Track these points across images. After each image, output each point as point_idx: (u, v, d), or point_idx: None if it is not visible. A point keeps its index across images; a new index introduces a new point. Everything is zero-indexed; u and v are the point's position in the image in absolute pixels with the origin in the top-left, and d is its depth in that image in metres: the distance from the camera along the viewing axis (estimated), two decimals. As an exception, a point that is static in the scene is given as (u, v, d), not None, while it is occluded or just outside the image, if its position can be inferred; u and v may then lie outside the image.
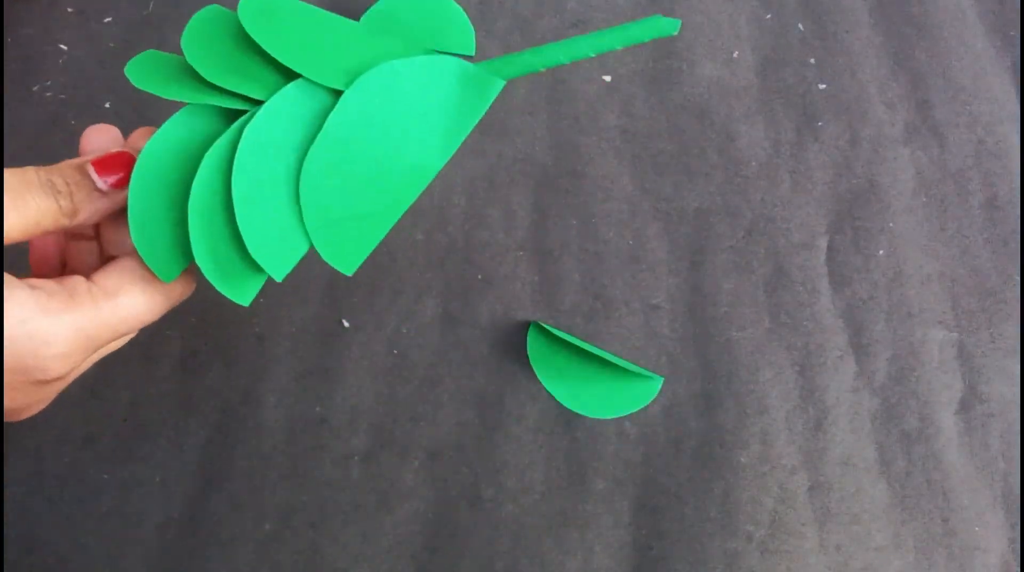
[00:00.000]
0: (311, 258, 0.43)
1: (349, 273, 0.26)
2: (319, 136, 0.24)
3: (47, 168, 0.25)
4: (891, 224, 0.47)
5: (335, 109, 0.24)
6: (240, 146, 0.24)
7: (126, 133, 0.46)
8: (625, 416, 0.42)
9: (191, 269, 0.27)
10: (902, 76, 0.51)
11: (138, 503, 0.39)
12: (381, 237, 0.26)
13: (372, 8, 0.49)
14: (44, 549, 0.38)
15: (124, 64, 0.50)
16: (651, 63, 0.50)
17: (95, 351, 0.25)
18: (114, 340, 0.26)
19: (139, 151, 0.26)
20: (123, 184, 0.25)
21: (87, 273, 0.27)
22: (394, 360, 0.42)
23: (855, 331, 0.44)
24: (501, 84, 0.25)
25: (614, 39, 0.25)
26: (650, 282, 0.45)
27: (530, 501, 0.40)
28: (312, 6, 0.26)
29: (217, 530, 0.39)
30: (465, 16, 0.49)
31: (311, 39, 0.25)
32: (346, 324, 0.42)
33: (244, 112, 0.25)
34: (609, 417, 0.42)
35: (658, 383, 0.42)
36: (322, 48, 0.25)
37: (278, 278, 0.25)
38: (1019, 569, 0.41)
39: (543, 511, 0.40)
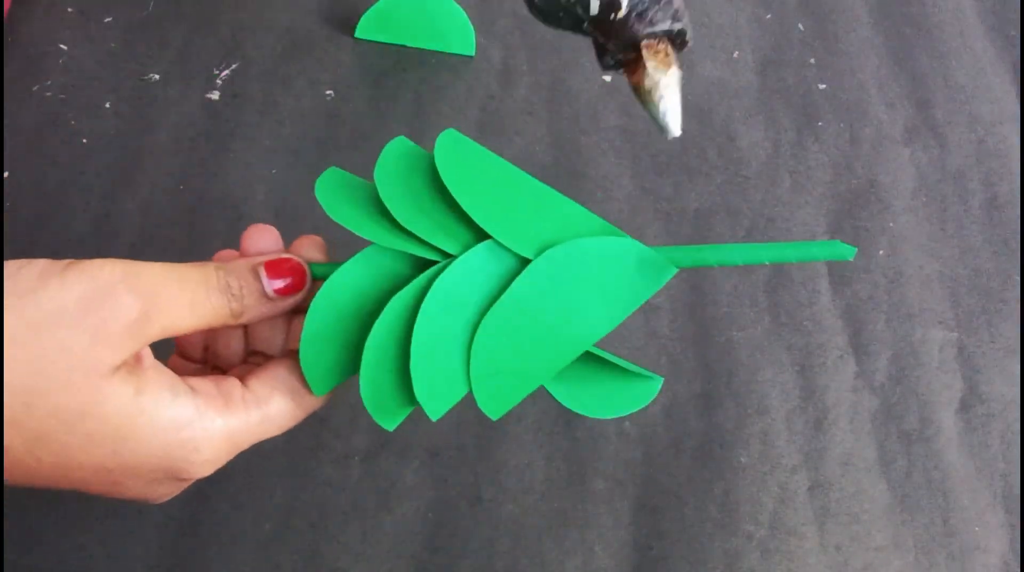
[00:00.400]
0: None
1: (495, 418, 0.28)
2: (501, 299, 0.26)
3: (226, 268, 0.26)
4: (891, 224, 0.47)
5: (520, 277, 0.26)
6: (427, 298, 0.26)
7: (126, 133, 0.46)
8: (625, 416, 0.42)
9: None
10: (902, 76, 0.51)
11: (138, 503, 0.39)
12: (530, 392, 0.28)
13: (372, 8, 0.49)
14: (44, 549, 0.38)
15: (124, 64, 0.50)
16: (651, 63, 0.50)
17: (235, 454, 0.26)
18: (252, 444, 0.27)
19: (304, 259, 0.27)
20: (289, 292, 0.27)
21: (229, 358, 0.29)
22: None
23: (855, 331, 0.44)
24: (674, 271, 0.27)
25: (792, 253, 0.26)
26: (650, 282, 0.45)
27: (530, 501, 0.40)
28: (502, 159, 0.28)
29: (217, 530, 0.39)
30: (465, 16, 0.49)
31: (502, 196, 0.27)
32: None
33: (429, 261, 0.27)
34: (609, 417, 0.42)
35: (658, 383, 0.42)
36: (512, 209, 0.27)
37: (434, 418, 0.27)
38: (1019, 569, 0.41)
39: (543, 511, 0.40)
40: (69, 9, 0.49)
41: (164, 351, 0.27)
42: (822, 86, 0.50)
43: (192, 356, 0.30)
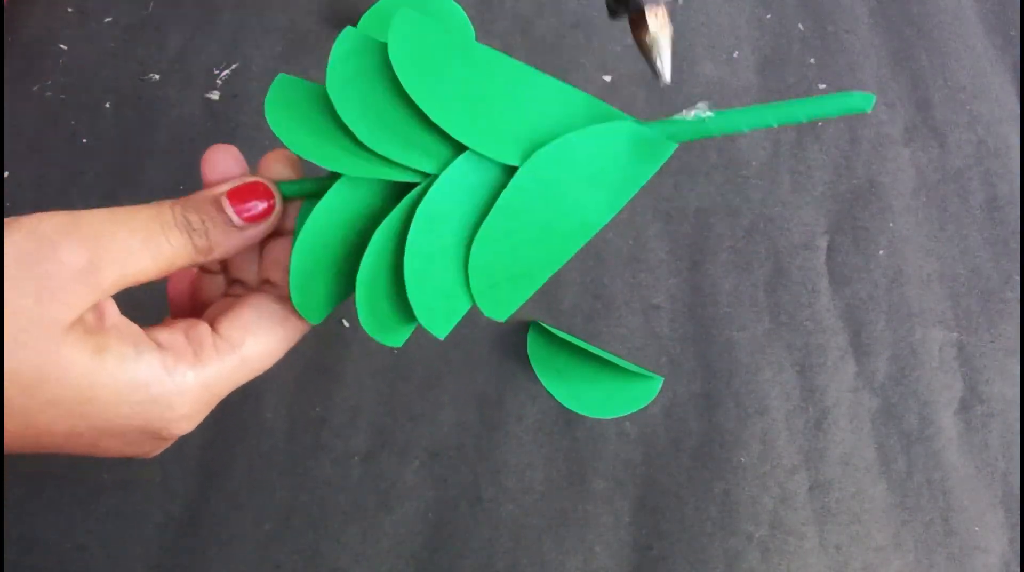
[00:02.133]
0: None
1: (502, 320, 0.26)
2: (492, 211, 0.24)
3: (182, 203, 0.24)
4: (891, 224, 0.47)
5: (509, 186, 0.24)
6: (413, 227, 0.24)
7: (126, 133, 0.46)
8: (625, 416, 0.42)
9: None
10: (902, 76, 0.51)
11: (138, 503, 0.39)
12: (537, 288, 0.26)
13: (372, 8, 0.49)
14: (44, 549, 0.38)
15: (124, 64, 0.50)
16: (651, 63, 0.50)
17: (215, 404, 0.25)
18: (232, 389, 0.26)
19: (272, 181, 0.25)
20: (259, 218, 0.25)
21: (211, 301, 0.28)
22: (394, 360, 0.42)
23: (855, 331, 0.44)
24: (673, 147, 0.25)
25: (802, 111, 0.24)
26: (650, 282, 0.45)
27: (530, 501, 0.40)
28: (465, 40, 0.25)
29: (217, 530, 0.39)
30: (465, 16, 0.49)
31: (473, 93, 0.24)
32: (346, 324, 0.42)
33: (409, 184, 0.25)
34: (609, 417, 0.42)
35: (658, 383, 0.42)
36: (487, 108, 0.24)
37: (440, 336, 0.26)
38: (1020, 569, 0.41)
39: (543, 511, 0.40)
40: (69, 9, 0.49)
41: (157, 314, 0.26)
42: (822, 86, 0.50)
43: (183, 305, 0.29)
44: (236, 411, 0.40)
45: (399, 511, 0.39)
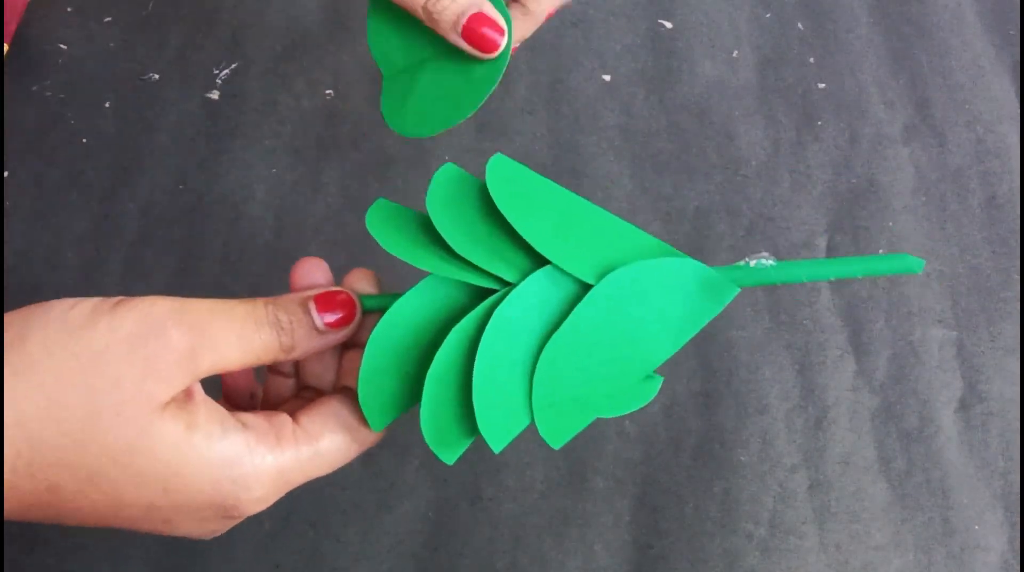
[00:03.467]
0: (313, 255, 0.43)
1: (556, 447, 0.27)
2: (564, 325, 0.26)
3: (274, 302, 0.26)
4: (891, 223, 0.47)
5: (582, 302, 0.26)
6: (488, 327, 0.25)
7: (125, 132, 0.47)
8: (625, 415, 0.42)
9: None
10: (902, 75, 0.51)
11: (138, 503, 0.39)
12: (591, 420, 0.28)
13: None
14: (44, 549, 0.38)
15: (124, 64, 0.50)
16: (651, 63, 0.50)
17: (285, 492, 0.26)
18: (305, 481, 0.26)
19: (355, 292, 0.27)
20: (340, 325, 0.26)
21: (281, 394, 0.29)
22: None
23: (855, 330, 0.44)
24: (736, 291, 0.26)
25: (856, 268, 0.26)
26: (650, 281, 0.45)
27: (530, 500, 0.40)
28: (553, 183, 0.28)
29: (217, 529, 0.39)
30: None
31: (557, 220, 0.27)
32: (346, 323, 0.42)
33: (488, 290, 0.26)
34: (609, 416, 0.42)
35: (658, 382, 0.42)
36: (568, 233, 0.26)
37: (496, 450, 0.27)
38: (1019, 568, 0.41)
39: (543, 510, 0.40)
40: (69, 9, 0.49)
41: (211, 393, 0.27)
42: (821, 85, 0.50)
43: (238, 402, 0.30)
44: (236, 411, 0.40)
45: (399, 510, 0.39)
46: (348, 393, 0.28)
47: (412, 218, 0.28)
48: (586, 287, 0.26)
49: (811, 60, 0.51)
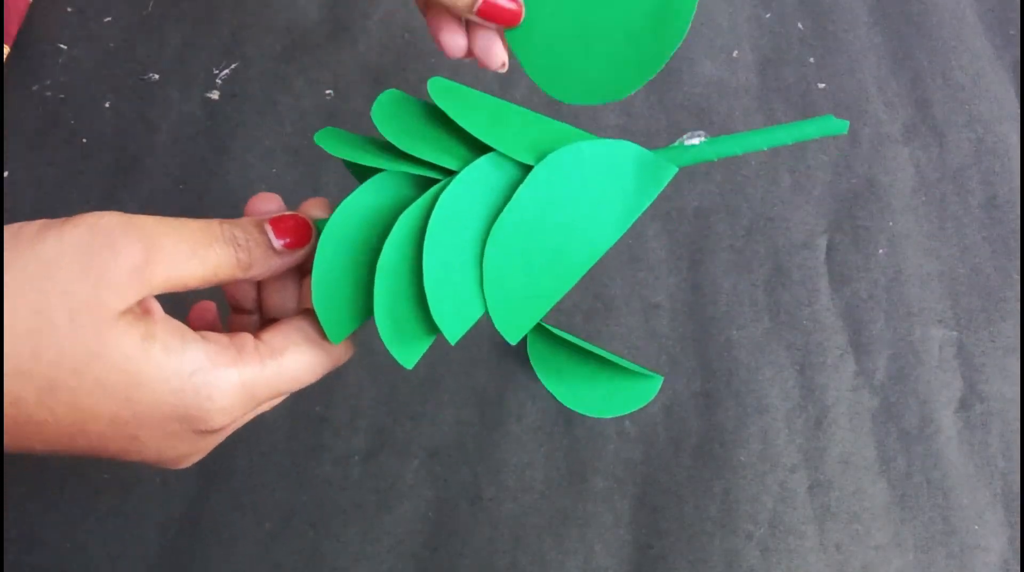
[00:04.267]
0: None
1: (513, 342, 0.27)
2: (508, 207, 0.26)
3: (229, 222, 0.26)
4: (891, 223, 0.47)
5: (525, 183, 0.26)
6: (434, 213, 0.26)
7: (126, 132, 0.47)
8: (625, 415, 0.42)
9: (352, 338, 0.28)
10: (902, 75, 0.51)
11: (138, 503, 0.39)
12: (546, 310, 0.28)
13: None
14: (44, 549, 0.38)
15: (124, 64, 0.50)
16: (651, 62, 0.50)
17: (255, 408, 0.26)
18: (273, 398, 0.27)
19: (311, 218, 0.27)
20: (296, 245, 0.27)
21: (244, 327, 0.29)
22: (394, 360, 0.42)
23: (855, 330, 0.44)
24: (674, 170, 0.27)
25: (785, 135, 0.26)
26: (650, 281, 0.45)
27: (530, 500, 0.40)
28: (488, 95, 0.28)
29: (217, 530, 0.39)
30: None
31: (497, 118, 0.27)
32: (346, 323, 0.42)
33: (434, 181, 0.27)
34: (609, 416, 0.42)
35: (658, 382, 0.42)
36: (509, 127, 0.27)
37: (452, 341, 0.27)
38: (1019, 567, 0.41)
39: (543, 510, 0.40)
40: (69, 9, 0.49)
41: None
42: (821, 85, 0.50)
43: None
44: (236, 411, 0.40)
45: (399, 510, 0.39)
46: (310, 313, 0.28)
47: (360, 138, 0.28)
48: (527, 170, 0.26)
49: (811, 60, 0.51)
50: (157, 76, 0.48)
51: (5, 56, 0.47)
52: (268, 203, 0.28)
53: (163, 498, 0.39)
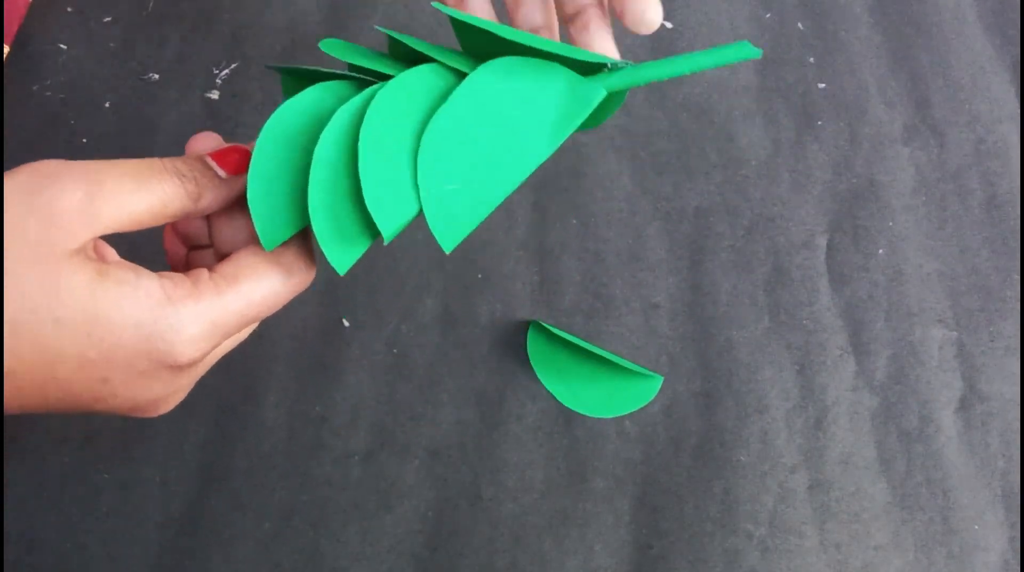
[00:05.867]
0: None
1: (448, 250, 0.27)
2: (442, 108, 0.27)
3: (171, 158, 0.26)
4: (891, 223, 0.47)
5: (460, 86, 0.27)
6: (371, 106, 0.26)
7: (125, 133, 0.46)
8: (625, 415, 0.42)
9: (311, 257, 0.28)
10: (901, 75, 0.51)
11: (138, 503, 0.39)
12: (481, 218, 0.28)
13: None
14: (44, 549, 0.38)
15: (124, 64, 0.50)
16: (651, 62, 0.50)
17: (223, 339, 0.26)
18: (240, 327, 0.26)
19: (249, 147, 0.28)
20: (241, 170, 0.27)
21: (202, 265, 0.29)
22: (394, 359, 0.42)
23: (855, 330, 0.44)
24: (603, 93, 0.27)
25: (706, 60, 0.28)
26: (650, 281, 0.45)
27: (530, 500, 0.40)
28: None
29: (217, 530, 0.39)
30: None
31: (438, 47, 0.28)
32: (346, 323, 0.42)
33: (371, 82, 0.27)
34: (609, 416, 0.42)
35: (658, 382, 0.42)
36: (448, 50, 0.28)
37: (387, 236, 0.26)
38: (1020, 568, 0.41)
39: (543, 510, 0.40)
40: (69, 9, 0.49)
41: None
42: (821, 85, 0.50)
43: None
44: (236, 411, 0.40)
45: (399, 510, 0.39)
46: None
47: (315, 72, 0.29)
48: (464, 77, 0.27)
49: (811, 60, 0.51)
50: (157, 76, 0.48)
51: (5, 56, 0.47)
52: (208, 141, 0.28)
53: (163, 498, 0.39)
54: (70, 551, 0.38)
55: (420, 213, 0.27)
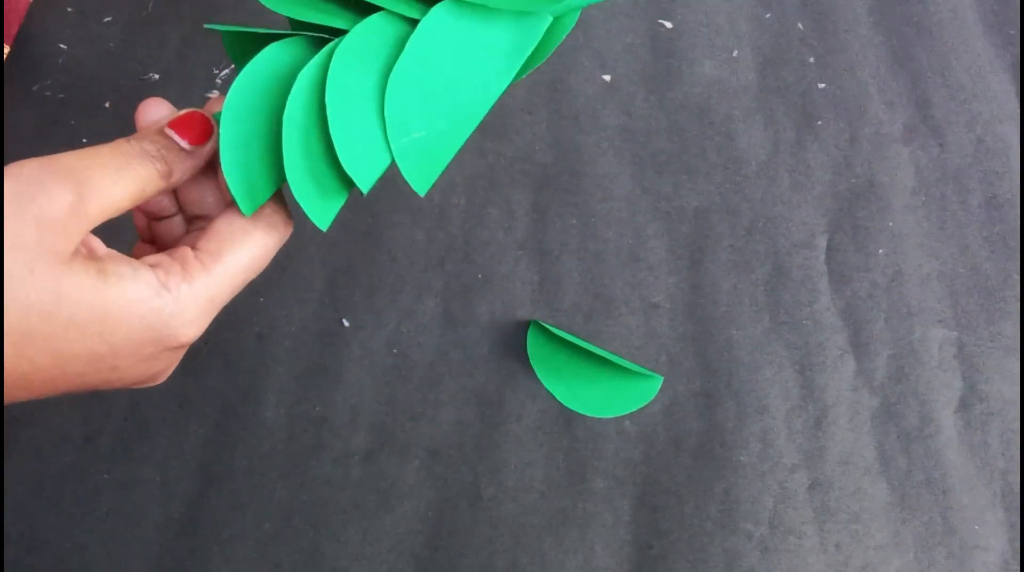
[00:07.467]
0: (312, 255, 0.43)
1: (422, 193, 0.28)
2: (401, 57, 0.27)
3: (134, 137, 0.26)
4: (891, 223, 0.47)
5: (414, 34, 0.28)
6: (332, 64, 0.27)
7: (126, 133, 0.46)
8: (625, 415, 0.42)
9: (287, 211, 0.29)
10: (902, 75, 0.51)
11: (138, 503, 0.39)
12: (449, 158, 0.29)
13: None
14: (44, 549, 0.38)
15: (124, 64, 0.50)
16: (651, 62, 0.50)
17: (219, 310, 0.27)
18: (234, 294, 0.27)
19: (211, 114, 0.28)
20: (202, 140, 0.27)
21: (176, 243, 0.30)
22: (394, 359, 0.42)
23: (855, 330, 0.44)
24: (548, 20, 0.29)
25: None
26: (650, 281, 0.45)
27: (530, 500, 0.40)
28: None
29: (217, 530, 0.39)
30: None
31: None
32: (346, 323, 0.42)
33: (328, 42, 0.28)
34: (609, 416, 0.42)
35: (658, 382, 0.42)
36: None
37: (364, 189, 0.27)
38: (1019, 567, 0.41)
39: (543, 510, 0.40)
40: (69, 9, 0.49)
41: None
42: (821, 85, 0.50)
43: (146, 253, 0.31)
44: (236, 411, 0.40)
45: (399, 510, 0.39)
46: (232, 208, 0.29)
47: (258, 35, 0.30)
48: (415, 24, 0.28)
49: (811, 60, 0.51)
50: (157, 76, 0.48)
51: (5, 56, 0.47)
52: (159, 108, 0.28)
53: (163, 498, 0.39)
54: (70, 551, 0.38)
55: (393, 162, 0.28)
